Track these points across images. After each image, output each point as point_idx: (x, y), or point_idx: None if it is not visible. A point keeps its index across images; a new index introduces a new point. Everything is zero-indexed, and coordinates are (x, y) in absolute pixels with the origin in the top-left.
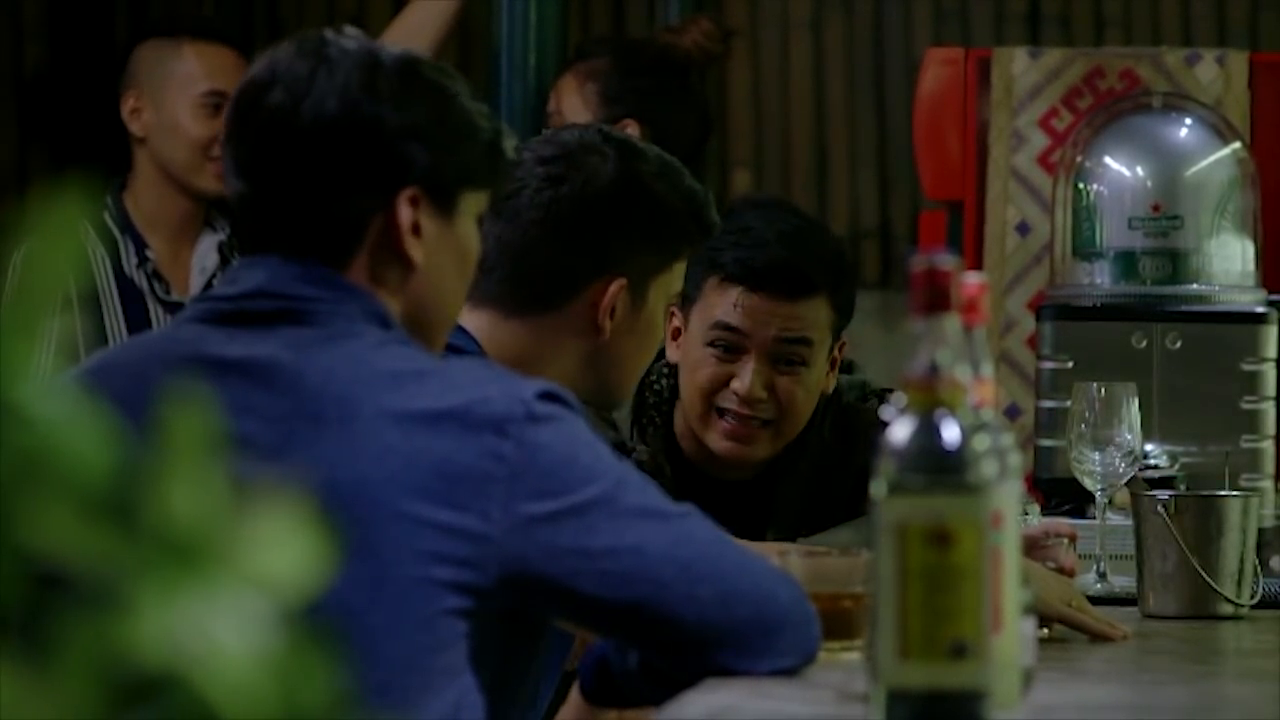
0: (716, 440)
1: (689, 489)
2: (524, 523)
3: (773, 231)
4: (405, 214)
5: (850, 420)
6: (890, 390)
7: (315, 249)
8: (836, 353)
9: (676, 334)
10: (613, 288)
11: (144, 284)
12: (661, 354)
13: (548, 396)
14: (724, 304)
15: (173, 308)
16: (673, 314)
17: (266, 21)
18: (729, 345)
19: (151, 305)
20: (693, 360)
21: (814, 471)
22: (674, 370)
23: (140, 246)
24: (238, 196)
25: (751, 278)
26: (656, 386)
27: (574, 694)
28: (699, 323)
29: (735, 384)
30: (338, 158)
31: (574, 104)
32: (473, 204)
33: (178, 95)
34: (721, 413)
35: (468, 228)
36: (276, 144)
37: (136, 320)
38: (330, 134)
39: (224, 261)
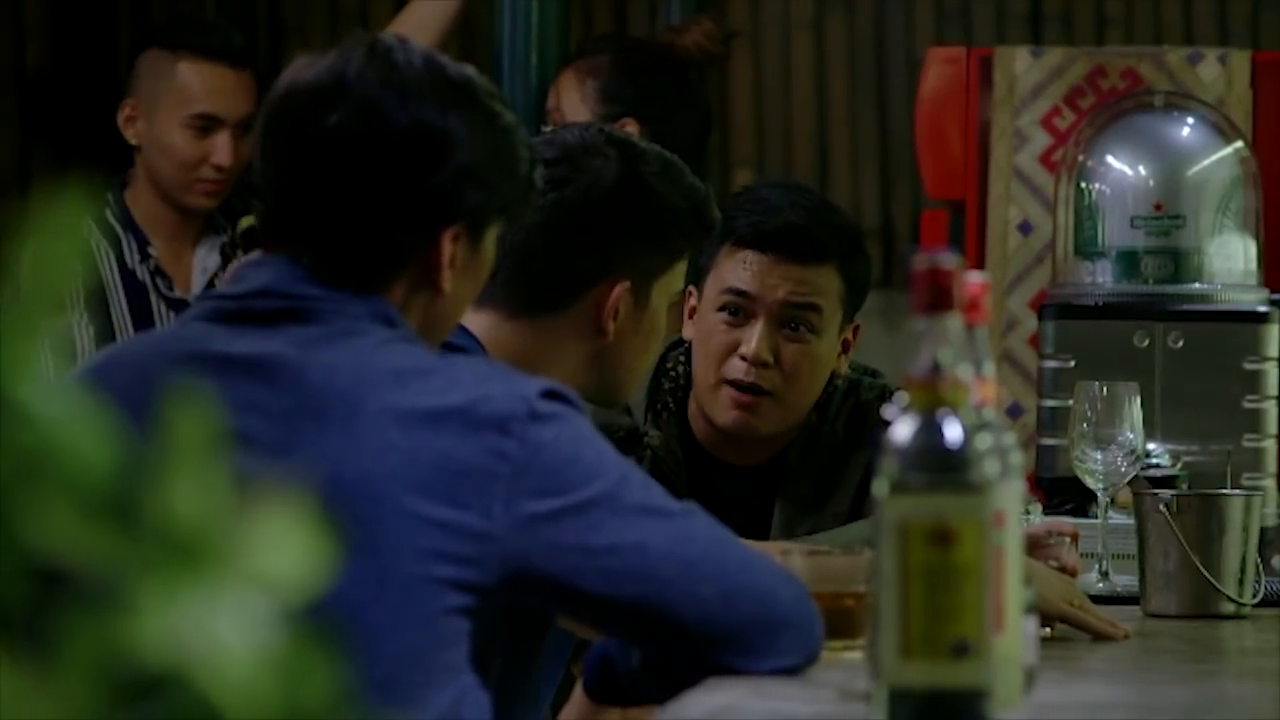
0: (723, 412)
1: (700, 474)
2: (526, 520)
3: (787, 200)
4: (448, 250)
5: (863, 416)
6: None
7: (350, 276)
8: (849, 335)
9: (693, 312)
10: (616, 290)
11: (147, 279)
12: (678, 342)
13: (550, 395)
14: (733, 268)
15: (176, 304)
16: (689, 293)
17: (268, 20)
18: (738, 309)
19: (155, 301)
20: (705, 330)
21: (824, 462)
22: (690, 355)
23: (143, 243)
24: (272, 192)
25: (762, 240)
26: (673, 372)
27: (577, 692)
28: (711, 291)
29: (742, 348)
30: (396, 188)
31: (573, 101)
32: (497, 228)
33: (169, 113)
34: (731, 384)
35: (490, 250)
36: (336, 160)
37: (141, 315)
38: (396, 160)
39: (226, 262)
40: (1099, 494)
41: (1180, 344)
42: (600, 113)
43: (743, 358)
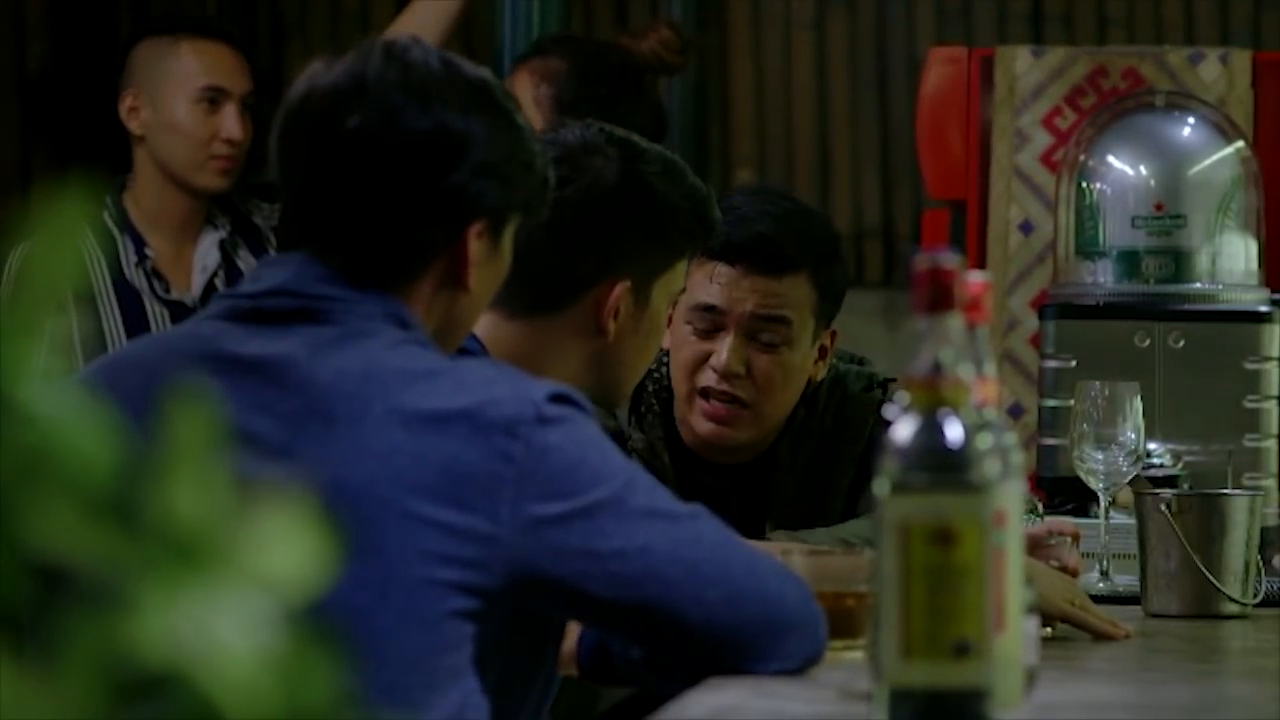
0: (699, 422)
1: (687, 475)
2: (532, 524)
3: (757, 210)
4: (474, 248)
5: (852, 407)
6: (894, 380)
7: (375, 276)
8: (826, 341)
9: (669, 320)
10: (617, 289)
11: (142, 283)
12: None
13: (558, 398)
14: (701, 281)
15: (172, 306)
16: None
17: (269, 19)
18: (708, 323)
19: (149, 304)
20: (677, 341)
21: (815, 456)
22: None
23: (139, 245)
24: (291, 193)
25: (729, 253)
26: (656, 375)
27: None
28: (681, 302)
29: (712, 359)
30: (417, 188)
31: (526, 104)
32: (514, 226)
33: (175, 92)
34: (704, 394)
35: (508, 248)
36: (357, 162)
37: (134, 320)
38: (417, 160)
39: (225, 259)
40: (1100, 494)
41: (1181, 344)
42: (553, 121)
43: (714, 369)
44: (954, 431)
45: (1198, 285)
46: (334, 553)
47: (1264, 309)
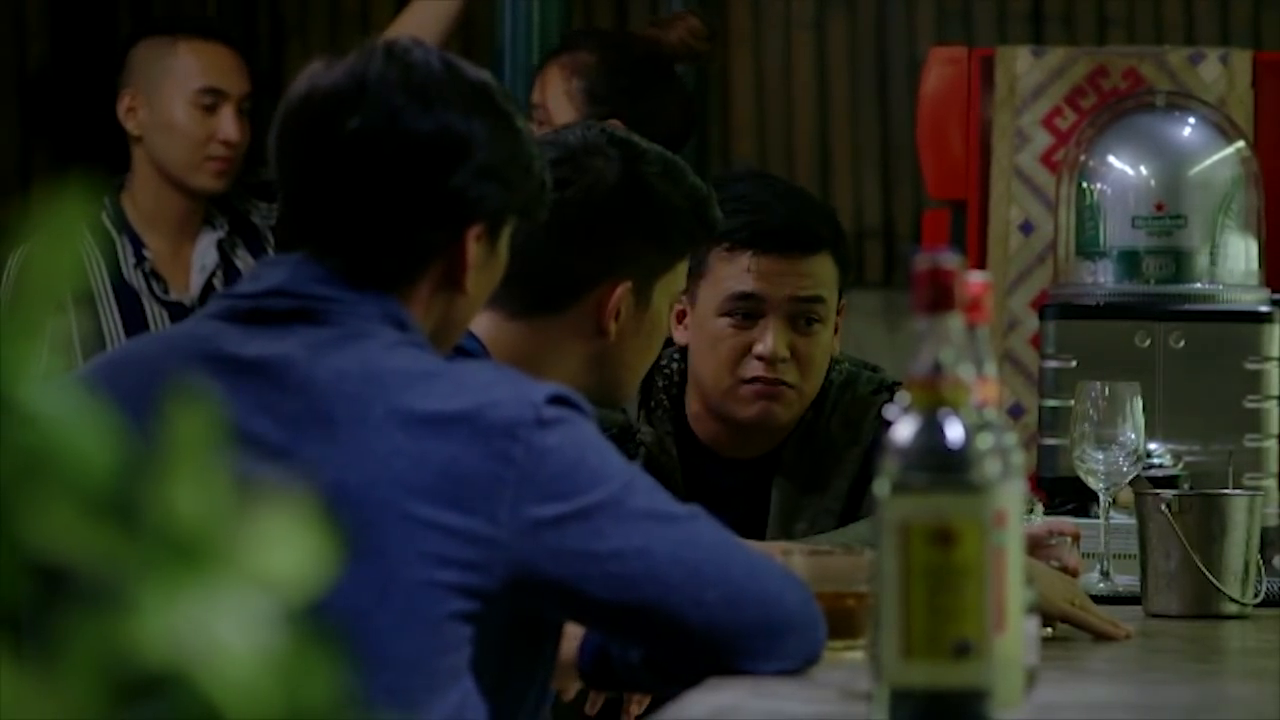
0: (745, 407)
1: (695, 470)
2: (531, 526)
3: (769, 194)
4: (473, 250)
5: (859, 410)
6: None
7: (373, 277)
8: (837, 315)
9: (681, 316)
10: (618, 290)
11: (141, 284)
12: (670, 339)
13: (557, 400)
14: (735, 272)
15: (171, 307)
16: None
17: (269, 20)
18: (746, 313)
19: (148, 305)
20: (709, 336)
21: (819, 455)
22: (685, 353)
23: (138, 246)
24: (290, 194)
25: (761, 240)
26: (667, 370)
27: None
28: (709, 297)
29: (758, 348)
30: (417, 190)
31: (559, 99)
32: (511, 228)
33: (173, 93)
34: (750, 384)
35: (505, 250)
36: (357, 164)
37: (133, 321)
38: (418, 162)
39: (224, 259)
40: (1100, 494)
41: (1182, 344)
42: (586, 113)
43: (760, 357)
44: (954, 431)
45: (1198, 285)
46: (334, 554)
47: (1264, 309)
